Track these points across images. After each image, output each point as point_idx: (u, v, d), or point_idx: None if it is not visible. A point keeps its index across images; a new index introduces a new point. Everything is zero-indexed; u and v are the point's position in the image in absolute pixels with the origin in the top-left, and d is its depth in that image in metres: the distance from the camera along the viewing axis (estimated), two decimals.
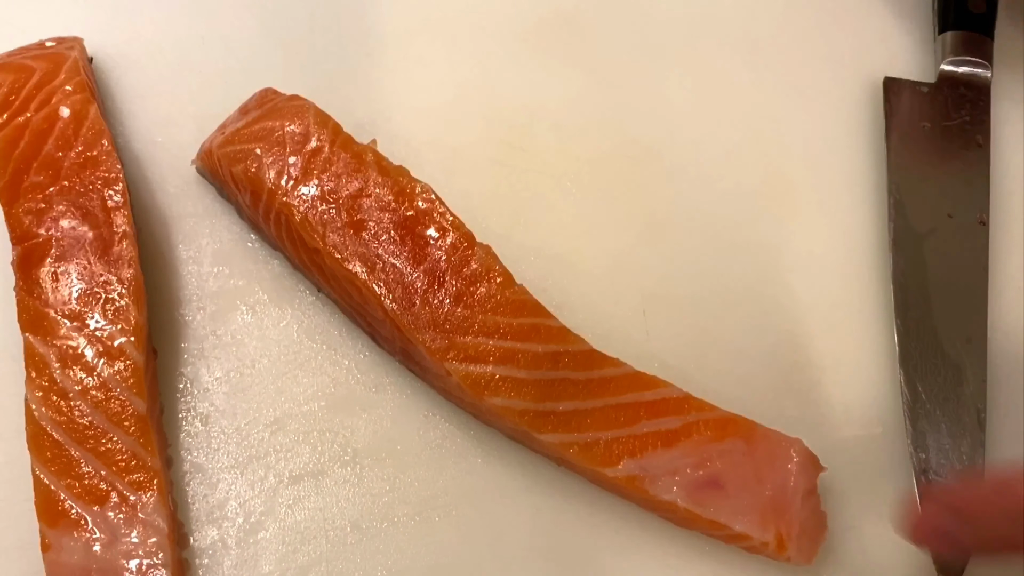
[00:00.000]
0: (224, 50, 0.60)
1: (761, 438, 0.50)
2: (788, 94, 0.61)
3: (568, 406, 0.50)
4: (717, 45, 0.62)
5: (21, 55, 0.55)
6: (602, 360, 0.51)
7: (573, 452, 0.49)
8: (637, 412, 0.50)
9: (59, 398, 0.48)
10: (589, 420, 0.50)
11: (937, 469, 0.51)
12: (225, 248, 0.56)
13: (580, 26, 0.62)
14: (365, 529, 0.51)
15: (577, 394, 0.50)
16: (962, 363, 0.53)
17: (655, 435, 0.50)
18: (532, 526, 0.52)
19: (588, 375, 0.51)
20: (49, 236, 0.50)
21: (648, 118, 0.60)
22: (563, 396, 0.50)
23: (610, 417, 0.50)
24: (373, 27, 0.62)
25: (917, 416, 0.52)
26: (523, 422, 0.49)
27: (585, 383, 0.50)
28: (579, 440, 0.49)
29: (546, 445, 0.50)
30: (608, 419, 0.50)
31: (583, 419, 0.50)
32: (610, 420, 0.50)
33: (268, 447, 0.53)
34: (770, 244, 0.58)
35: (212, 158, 0.54)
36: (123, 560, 0.47)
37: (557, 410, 0.50)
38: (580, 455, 0.49)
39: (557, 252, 0.57)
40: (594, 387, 0.50)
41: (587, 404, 0.50)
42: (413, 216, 0.51)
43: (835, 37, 0.62)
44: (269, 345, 0.54)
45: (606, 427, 0.50)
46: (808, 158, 0.60)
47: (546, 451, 0.51)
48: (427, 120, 0.59)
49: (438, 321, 0.50)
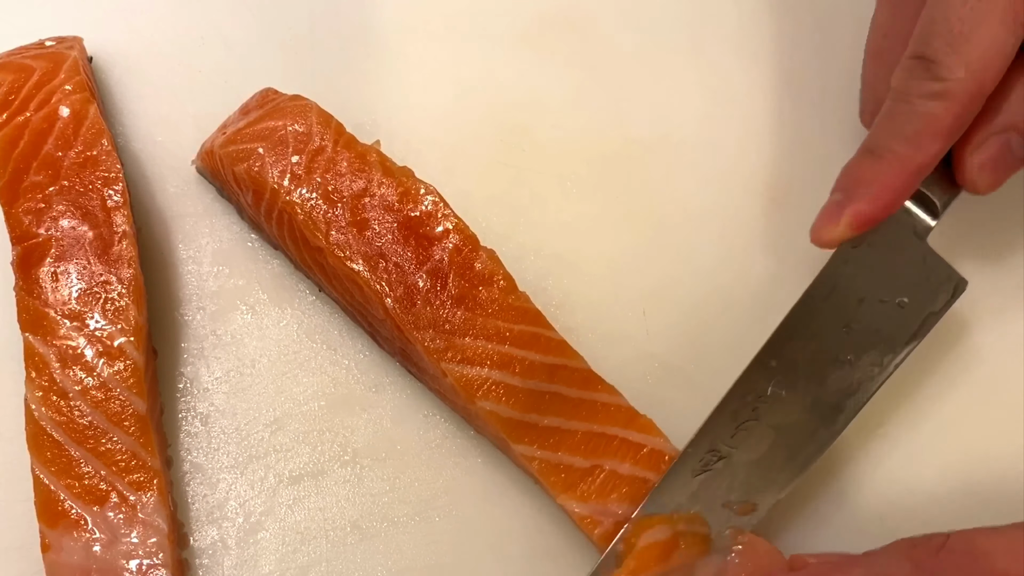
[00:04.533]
0: (224, 50, 0.60)
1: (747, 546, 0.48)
2: (789, 94, 0.61)
3: (552, 422, 0.49)
4: (717, 45, 0.62)
5: (21, 54, 0.54)
6: (597, 383, 0.51)
7: (536, 466, 0.49)
8: (618, 450, 0.49)
9: (59, 398, 0.48)
10: (566, 441, 0.49)
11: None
12: (225, 248, 0.56)
13: (580, 26, 0.62)
14: (365, 529, 0.51)
15: (564, 412, 0.50)
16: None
17: (629, 483, 0.49)
18: (532, 526, 0.52)
19: (580, 395, 0.50)
20: (49, 236, 0.50)
21: (648, 118, 0.60)
22: (549, 411, 0.49)
23: (588, 445, 0.49)
24: (373, 27, 0.62)
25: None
26: (504, 429, 0.49)
27: (575, 403, 0.50)
28: (548, 458, 0.49)
29: (517, 456, 0.49)
30: (585, 446, 0.49)
31: (561, 438, 0.49)
32: (587, 448, 0.49)
33: (268, 447, 0.53)
34: (770, 244, 0.58)
35: (213, 158, 0.54)
36: (123, 560, 0.47)
37: (540, 424, 0.49)
38: (543, 473, 0.49)
39: (557, 252, 0.57)
40: (583, 409, 0.50)
41: (570, 424, 0.49)
42: (417, 217, 0.51)
43: (836, 36, 0.62)
44: (269, 345, 0.54)
45: (580, 453, 0.49)
46: (809, 158, 0.60)
47: (519, 463, 0.51)
48: (427, 120, 0.59)
49: (438, 322, 0.50)
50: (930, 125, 0.46)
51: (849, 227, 0.47)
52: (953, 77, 0.45)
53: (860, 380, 0.49)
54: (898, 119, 0.47)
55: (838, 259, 0.50)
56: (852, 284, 0.50)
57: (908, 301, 0.49)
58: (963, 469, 0.53)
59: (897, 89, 0.47)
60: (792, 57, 0.62)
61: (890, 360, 0.49)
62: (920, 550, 0.43)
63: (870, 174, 0.47)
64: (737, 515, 0.48)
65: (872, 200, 0.47)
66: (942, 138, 0.46)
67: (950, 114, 0.46)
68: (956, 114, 0.46)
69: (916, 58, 0.47)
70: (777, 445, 0.48)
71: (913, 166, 0.47)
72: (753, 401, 0.49)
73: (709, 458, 0.48)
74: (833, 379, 0.49)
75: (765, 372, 0.49)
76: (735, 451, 0.48)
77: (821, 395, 0.49)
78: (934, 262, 0.50)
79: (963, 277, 0.50)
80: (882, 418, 0.54)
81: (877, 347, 0.49)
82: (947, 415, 0.54)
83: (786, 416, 0.49)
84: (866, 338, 0.49)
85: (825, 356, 0.49)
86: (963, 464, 0.54)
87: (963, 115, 0.46)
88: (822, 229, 0.47)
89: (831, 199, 0.48)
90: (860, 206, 0.47)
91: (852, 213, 0.47)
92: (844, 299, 0.50)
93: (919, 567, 0.42)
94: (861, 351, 0.49)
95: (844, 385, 0.49)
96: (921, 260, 0.50)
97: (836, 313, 0.49)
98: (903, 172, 0.47)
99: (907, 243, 0.50)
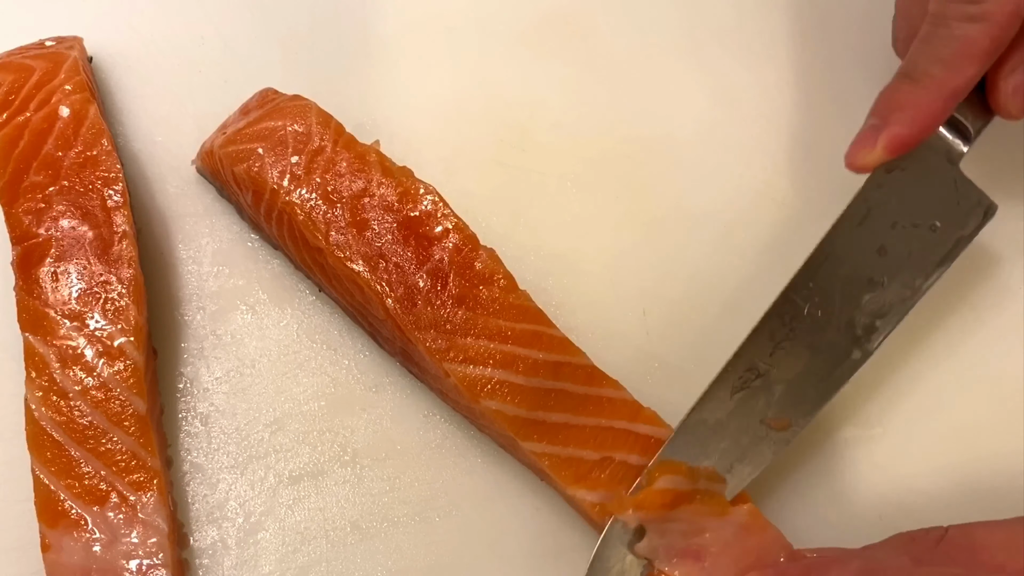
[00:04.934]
0: (224, 50, 0.60)
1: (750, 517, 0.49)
2: (789, 93, 0.61)
3: (559, 418, 0.50)
4: (717, 44, 0.62)
5: (21, 54, 0.54)
6: (601, 378, 0.51)
7: (547, 463, 0.49)
8: (626, 442, 0.50)
9: (59, 398, 0.48)
10: (575, 437, 0.49)
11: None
12: (225, 248, 0.56)
13: (580, 26, 0.62)
14: (365, 529, 0.51)
15: (570, 408, 0.50)
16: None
17: (639, 472, 0.49)
18: (532, 526, 0.52)
19: (586, 391, 0.50)
20: (49, 236, 0.50)
21: (648, 117, 0.60)
22: (556, 408, 0.50)
23: (597, 439, 0.50)
24: (373, 27, 0.62)
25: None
26: (512, 427, 0.49)
27: (582, 398, 0.50)
28: (559, 453, 0.49)
29: (526, 453, 0.49)
30: (594, 440, 0.50)
31: (569, 434, 0.49)
32: (596, 442, 0.50)
33: (268, 447, 0.53)
34: (771, 244, 0.58)
35: (213, 158, 0.54)
36: (123, 560, 0.47)
37: (548, 420, 0.49)
38: (554, 468, 0.49)
39: (557, 252, 0.57)
40: (590, 404, 0.50)
41: (578, 420, 0.50)
42: (417, 217, 0.51)
43: (836, 35, 0.62)
44: (269, 345, 0.54)
45: (590, 447, 0.49)
46: (809, 157, 0.60)
47: (526, 460, 0.51)
48: (427, 120, 0.59)
49: (439, 322, 0.50)
50: (968, 48, 0.46)
51: (885, 151, 0.47)
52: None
53: (892, 302, 0.50)
54: (935, 43, 0.47)
55: (872, 183, 0.51)
56: (886, 208, 0.51)
57: (940, 225, 0.50)
58: (962, 467, 0.53)
59: (935, 13, 0.48)
60: (792, 56, 0.62)
61: (921, 283, 0.50)
62: (919, 544, 0.43)
63: (907, 98, 0.47)
64: (774, 430, 0.49)
65: (909, 124, 0.47)
66: (979, 61, 0.47)
67: (987, 36, 0.46)
68: (994, 36, 0.46)
69: None
70: (812, 363, 0.50)
71: (949, 89, 0.47)
72: (790, 321, 0.50)
73: (748, 376, 0.50)
74: (867, 301, 0.50)
75: (802, 293, 0.50)
76: (773, 369, 0.50)
77: (855, 316, 0.50)
78: (965, 186, 0.51)
79: (993, 201, 0.51)
80: (881, 416, 0.54)
81: (910, 270, 0.50)
82: (946, 413, 0.54)
83: (822, 335, 0.50)
84: (899, 261, 0.50)
85: (860, 278, 0.50)
86: (962, 462, 0.54)
87: (1000, 37, 0.47)
88: (858, 153, 0.48)
89: (867, 123, 0.48)
90: (897, 129, 0.47)
91: (888, 137, 0.47)
92: (878, 223, 0.50)
93: (918, 561, 0.42)
94: (894, 274, 0.50)
95: (877, 307, 0.50)
96: (953, 184, 0.51)
97: (870, 236, 0.50)
98: (940, 95, 0.47)
99: (940, 168, 0.51)
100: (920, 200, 0.51)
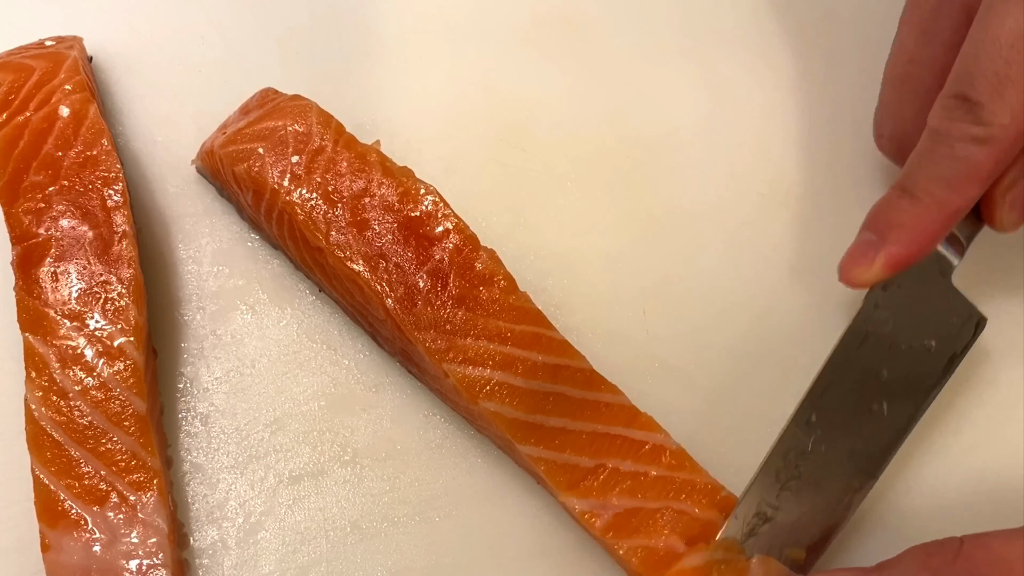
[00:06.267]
0: (224, 49, 0.60)
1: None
2: (789, 93, 0.61)
3: (557, 423, 0.49)
4: (717, 44, 0.62)
5: (20, 54, 0.54)
6: (600, 382, 0.51)
7: (543, 468, 0.49)
8: (621, 448, 0.50)
9: (59, 398, 0.48)
10: (571, 442, 0.49)
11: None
12: (225, 248, 0.56)
13: (580, 26, 0.62)
14: (365, 529, 0.51)
15: (568, 412, 0.50)
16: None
17: (631, 478, 0.49)
18: (532, 526, 0.52)
19: (584, 395, 0.50)
20: (49, 236, 0.50)
21: (648, 117, 0.60)
22: (554, 411, 0.50)
23: (593, 445, 0.49)
24: (373, 27, 0.62)
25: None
26: (509, 430, 0.49)
27: (580, 403, 0.50)
28: (555, 459, 0.49)
29: (522, 457, 0.49)
30: (590, 446, 0.49)
31: (566, 439, 0.49)
32: (592, 448, 0.49)
33: (268, 447, 0.53)
34: (771, 243, 0.58)
35: (213, 158, 0.54)
36: (123, 560, 0.47)
37: (546, 424, 0.49)
38: (549, 473, 0.49)
39: (557, 251, 0.57)
40: (587, 409, 0.50)
41: (575, 425, 0.50)
42: (418, 217, 0.51)
43: (837, 35, 0.62)
44: (269, 345, 0.54)
45: (585, 453, 0.49)
46: (809, 157, 0.60)
47: (523, 463, 0.51)
48: (427, 120, 0.59)
49: (439, 322, 0.50)
50: (971, 170, 0.45)
51: (884, 269, 0.47)
52: (997, 123, 0.44)
53: (893, 428, 0.49)
54: (937, 161, 0.46)
55: (869, 303, 0.50)
56: (883, 329, 0.50)
57: (935, 344, 0.49)
58: (975, 478, 0.53)
59: (936, 129, 0.46)
60: (792, 56, 0.62)
61: (920, 405, 0.49)
62: (936, 559, 0.42)
63: (906, 216, 0.47)
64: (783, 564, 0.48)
65: (908, 243, 0.46)
66: (982, 182, 0.46)
67: (991, 159, 0.45)
68: (997, 159, 0.45)
69: (958, 98, 0.46)
70: (818, 500, 0.49)
71: (951, 210, 0.46)
72: (795, 459, 0.49)
73: (755, 522, 0.48)
74: (868, 429, 0.49)
75: (806, 428, 0.49)
76: (779, 512, 0.48)
77: (857, 446, 0.49)
78: (956, 300, 0.50)
79: (983, 314, 0.50)
80: None
81: (907, 393, 0.49)
82: (959, 425, 0.54)
83: (827, 471, 0.49)
84: (897, 385, 0.49)
85: (860, 406, 0.49)
86: (975, 473, 0.53)
87: (1004, 160, 0.46)
88: (855, 269, 0.47)
89: (862, 238, 0.48)
90: (896, 249, 0.46)
91: (887, 255, 0.46)
92: (876, 345, 0.50)
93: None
94: (893, 399, 0.49)
95: (878, 434, 0.49)
96: (944, 299, 0.50)
97: (869, 361, 0.50)
98: (940, 215, 0.46)
99: (933, 281, 0.50)
100: (915, 318, 0.50)
